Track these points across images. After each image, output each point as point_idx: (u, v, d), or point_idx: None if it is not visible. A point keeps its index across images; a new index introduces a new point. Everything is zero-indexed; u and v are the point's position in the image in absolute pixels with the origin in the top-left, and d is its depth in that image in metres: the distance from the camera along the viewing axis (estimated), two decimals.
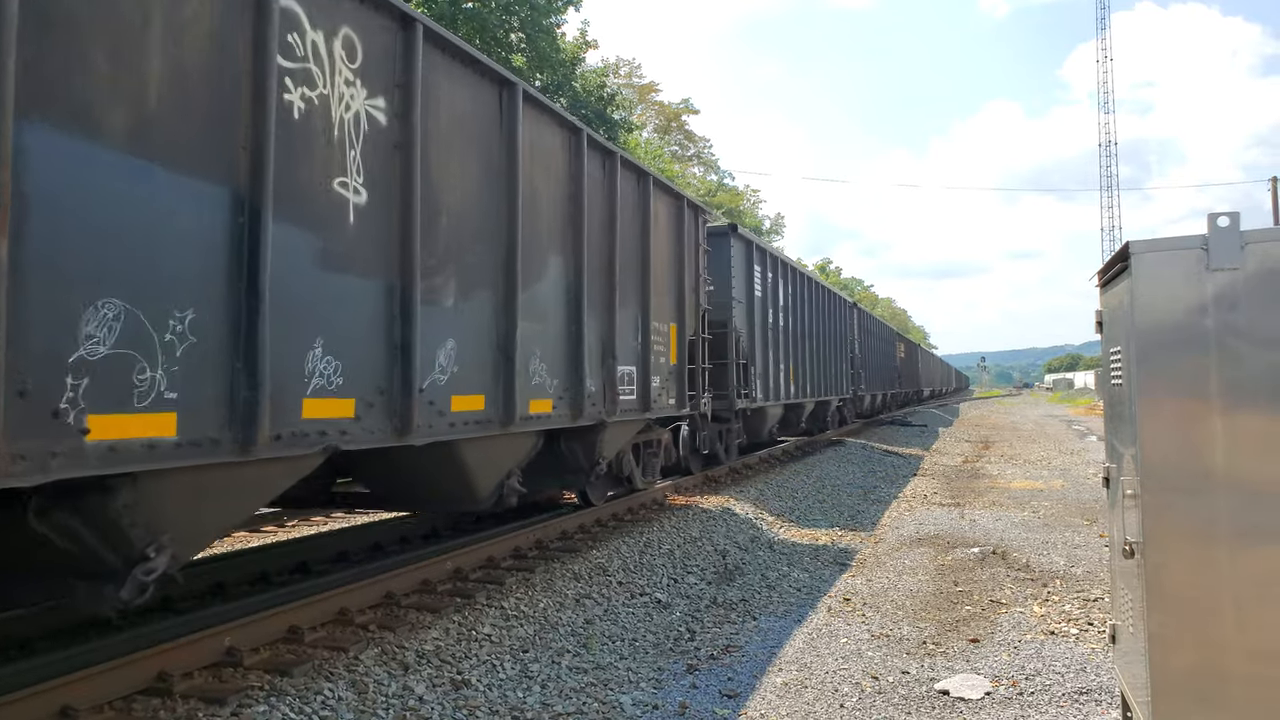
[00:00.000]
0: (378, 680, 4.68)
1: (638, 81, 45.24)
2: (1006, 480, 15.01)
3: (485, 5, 22.19)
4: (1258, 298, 2.99)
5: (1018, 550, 8.77)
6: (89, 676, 3.96)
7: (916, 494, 13.49)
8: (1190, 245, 3.08)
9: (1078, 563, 8.18)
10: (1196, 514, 3.03)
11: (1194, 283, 3.06)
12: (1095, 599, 6.81)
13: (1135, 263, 3.17)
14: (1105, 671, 5.19)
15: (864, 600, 7.12)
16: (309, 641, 5.00)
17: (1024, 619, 6.43)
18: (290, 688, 4.38)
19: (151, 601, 5.66)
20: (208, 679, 4.41)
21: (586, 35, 26.03)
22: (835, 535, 10.18)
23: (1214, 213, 3.05)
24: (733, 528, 9.86)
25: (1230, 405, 3.00)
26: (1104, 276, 3.82)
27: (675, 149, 48.95)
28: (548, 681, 5.12)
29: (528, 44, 23.30)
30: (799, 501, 12.33)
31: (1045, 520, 10.66)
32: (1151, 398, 3.12)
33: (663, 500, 10.73)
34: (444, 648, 5.27)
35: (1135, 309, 3.15)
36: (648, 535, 8.66)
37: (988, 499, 12.63)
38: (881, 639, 6.07)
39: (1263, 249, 3.00)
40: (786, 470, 14.84)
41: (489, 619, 5.83)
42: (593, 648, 5.80)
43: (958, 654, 5.70)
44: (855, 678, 5.30)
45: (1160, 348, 3.11)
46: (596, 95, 25.15)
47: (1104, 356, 3.87)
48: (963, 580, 7.67)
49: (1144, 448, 3.12)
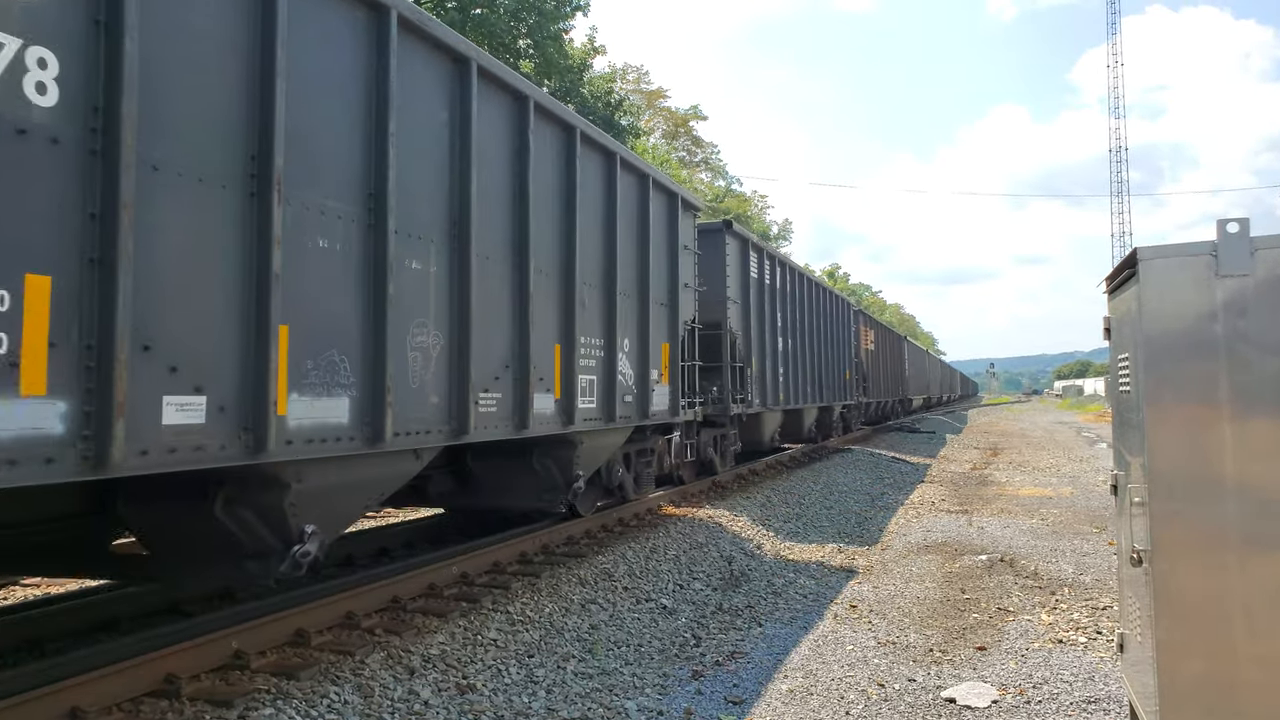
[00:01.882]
0: (384, 684, 4.68)
1: (646, 87, 45.34)
2: (1015, 487, 14.95)
3: (494, 12, 22.29)
4: (1268, 304, 2.98)
5: (1026, 558, 8.73)
6: (97, 678, 3.97)
7: (924, 501, 13.44)
8: (1199, 252, 3.07)
9: (1086, 570, 8.14)
10: (1205, 521, 3.02)
11: (1203, 289, 3.05)
12: (1104, 607, 6.78)
13: (1143, 269, 3.16)
14: (1114, 680, 5.16)
15: (870, 607, 7.10)
16: (315, 645, 5.01)
17: (1032, 627, 6.40)
18: (297, 691, 4.39)
19: (159, 604, 5.70)
20: (215, 681, 4.42)
21: (594, 41, 26.14)
22: (843, 542, 10.15)
23: (1223, 219, 3.04)
24: (739, 535, 9.84)
25: (1240, 412, 2.99)
26: (1112, 283, 3.81)
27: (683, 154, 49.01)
28: (553, 686, 5.12)
29: (535, 50, 23.39)
30: (806, 508, 12.30)
31: (1054, 528, 10.61)
32: (1160, 404, 3.11)
33: (656, 510, 10.25)
34: (450, 652, 5.27)
35: (1143, 315, 3.14)
36: (653, 541, 8.66)
37: (996, 506, 12.58)
38: (888, 646, 6.05)
39: (1273, 255, 2.99)
40: (793, 477, 14.80)
41: (495, 624, 5.84)
42: (598, 653, 5.79)
43: (965, 662, 5.68)
44: (861, 685, 5.28)
45: (1169, 354, 3.10)
46: (604, 101, 25.22)
47: (1112, 363, 3.85)
48: (970, 588, 7.64)
49: (1152, 454, 3.10)
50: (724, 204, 47.00)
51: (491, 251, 6.23)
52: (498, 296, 6.33)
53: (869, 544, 10.02)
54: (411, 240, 5.34)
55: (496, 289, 6.32)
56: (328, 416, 4.64)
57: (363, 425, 4.88)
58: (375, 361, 4.96)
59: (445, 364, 5.68)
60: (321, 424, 4.59)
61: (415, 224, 5.39)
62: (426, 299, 5.51)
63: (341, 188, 4.82)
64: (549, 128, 7.06)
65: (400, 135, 5.17)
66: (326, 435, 4.63)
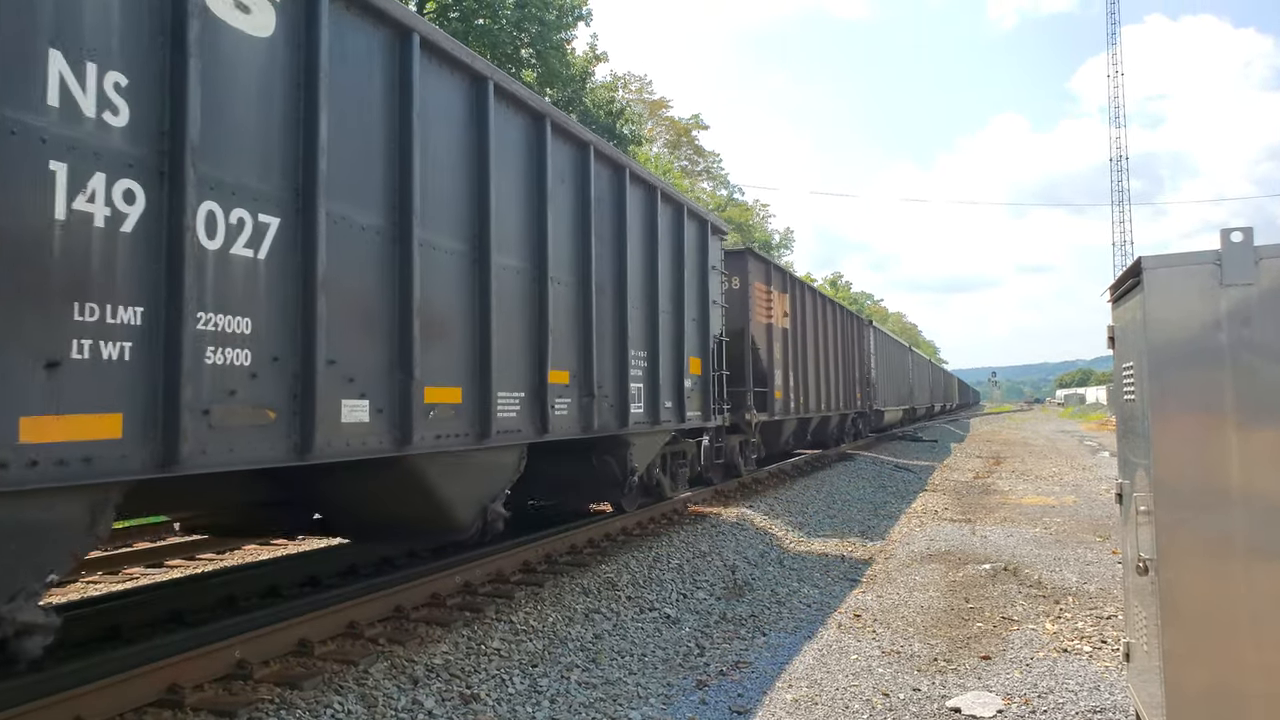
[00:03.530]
0: (387, 694, 4.67)
1: (649, 97, 45.48)
2: (1018, 496, 14.92)
3: (496, 22, 22.38)
4: (1272, 313, 2.98)
5: (1030, 567, 8.71)
6: (100, 688, 3.97)
7: (927, 509, 13.42)
8: (1203, 261, 3.08)
9: (1090, 579, 8.11)
10: (1211, 530, 3.01)
11: (1207, 298, 3.05)
12: (1108, 616, 6.75)
13: (1148, 278, 3.17)
14: (1119, 690, 5.14)
15: (874, 616, 7.08)
16: (319, 654, 5.01)
17: (1036, 636, 6.38)
18: (300, 700, 4.38)
19: (162, 613, 5.69)
20: (218, 691, 4.42)
21: (596, 49, 26.24)
22: (846, 550, 10.12)
23: (1227, 228, 3.05)
24: (742, 542, 9.83)
25: (1245, 420, 2.99)
26: (1116, 292, 3.82)
27: (685, 164, 49.12)
28: (556, 696, 5.10)
29: (538, 60, 23.48)
30: (809, 516, 12.28)
31: (1057, 536, 10.59)
32: (1165, 413, 3.10)
33: (683, 510, 11.05)
34: (453, 662, 5.26)
35: (1148, 325, 3.14)
36: (656, 550, 8.64)
37: (999, 515, 12.55)
38: (892, 655, 6.03)
39: (1277, 265, 2.99)
40: (797, 485, 14.79)
41: (498, 633, 5.82)
42: (602, 663, 5.78)
43: (969, 671, 5.66)
44: (866, 694, 5.27)
45: (1174, 363, 3.10)
46: (606, 110, 25.30)
47: (1116, 372, 3.85)
48: (974, 597, 7.62)
49: (1158, 463, 3.10)
50: (726, 213, 47.07)
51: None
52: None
53: (873, 552, 9.99)
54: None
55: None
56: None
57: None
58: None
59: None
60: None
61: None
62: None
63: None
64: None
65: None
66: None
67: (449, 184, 5.85)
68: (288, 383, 4.41)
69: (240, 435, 4.09)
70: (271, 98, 4.37)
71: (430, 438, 5.52)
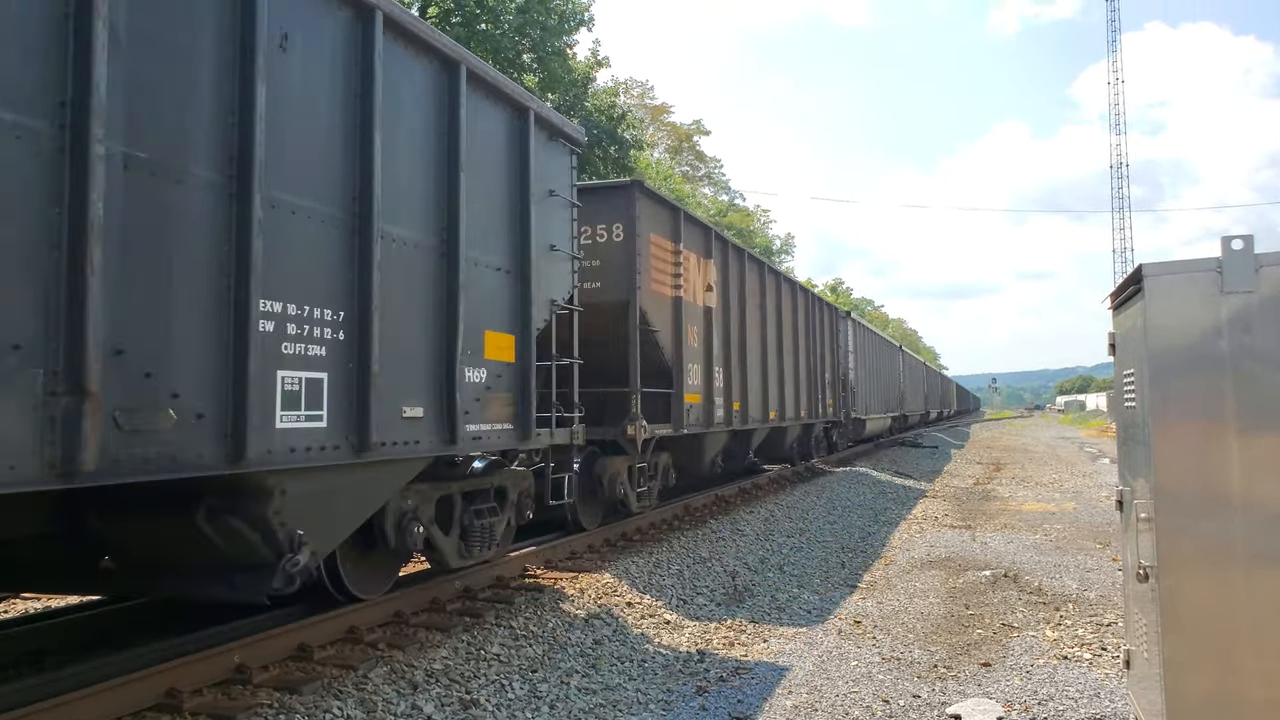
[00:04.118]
0: (386, 699, 4.66)
1: (650, 102, 45.54)
2: (1018, 503, 14.91)
3: (498, 27, 22.43)
4: (1273, 320, 2.98)
5: (1030, 573, 8.70)
6: (98, 692, 3.96)
7: (927, 516, 13.41)
8: (1204, 268, 3.08)
9: (1090, 586, 8.10)
10: (1212, 537, 3.01)
11: (1208, 305, 3.06)
12: (1109, 623, 6.74)
13: (1149, 285, 3.17)
14: (1119, 697, 5.13)
15: (874, 623, 7.07)
16: (318, 659, 4.99)
17: (1036, 643, 6.37)
18: (299, 705, 4.37)
19: (160, 618, 5.68)
20: (217, 696, 4.41)
21: (598, 54, 26.29)
22: (844, 557, 10.11)
23: (1227, 236, 3.05)
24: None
25: (1246, 427, 2.99)
26: (1117, 299, 3.82)
27: (686, 169, 49.17)
28: (556, 702, 5.09)
29: (539, 65, 23.53)
30: (809, 522, 12.26)
31: (1057, 543, 10.58)
32: (1166, 420, 3.11)
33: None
34: (453, 667, 5.25)
35: (1149, 331, 3.15)
36: (657, 555, 8.63)
37: (999, 521, 12.54)
38: (892, 662, 6.02)
39: (1277, 272, 3.00)
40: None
41: (498, 638, 5.82)
42: (601, 668, 5.77)
43: (969, 678, 5.65)
44: (866, 701, 5.26)
45: (1174, 370, 3.11)
46: (607, 115, 25.33)
47: (1117, 379, 3.85)
48: (974, 603, 7.61)
49: (1158, 470, 3.10)
50: (727, 219, 47.10)
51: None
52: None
53: (872, 559, 9.98)
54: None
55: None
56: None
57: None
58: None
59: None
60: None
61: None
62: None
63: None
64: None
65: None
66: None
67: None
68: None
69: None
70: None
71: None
